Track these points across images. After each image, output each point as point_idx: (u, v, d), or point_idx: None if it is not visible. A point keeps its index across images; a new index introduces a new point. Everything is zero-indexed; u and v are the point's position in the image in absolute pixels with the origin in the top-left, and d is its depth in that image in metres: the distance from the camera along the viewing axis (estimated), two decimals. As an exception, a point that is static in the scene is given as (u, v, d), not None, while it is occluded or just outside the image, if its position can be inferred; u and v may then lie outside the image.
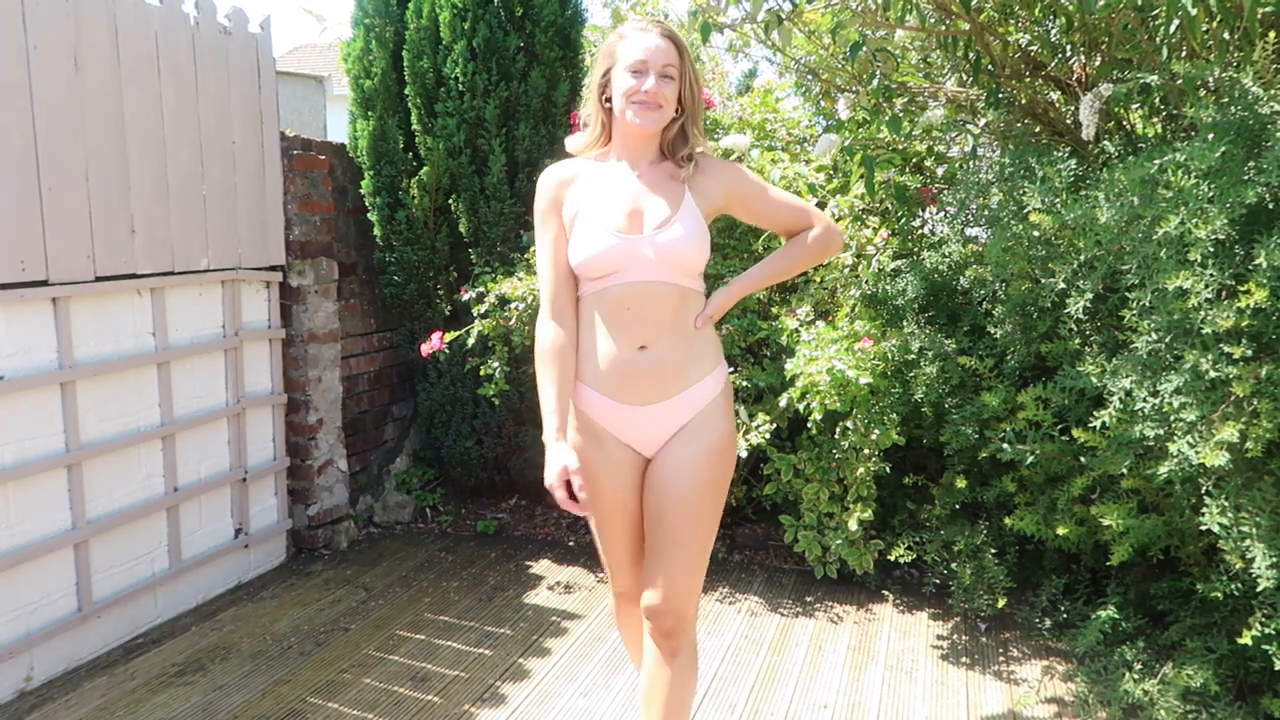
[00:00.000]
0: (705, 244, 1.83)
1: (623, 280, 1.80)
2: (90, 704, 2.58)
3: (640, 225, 1.81)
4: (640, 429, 1.87)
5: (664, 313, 1.81)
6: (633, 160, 1.87)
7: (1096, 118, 2.54)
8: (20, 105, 2.53)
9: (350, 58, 3.90)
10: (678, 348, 1.84)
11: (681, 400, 1.86)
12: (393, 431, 4.29)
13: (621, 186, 1.85)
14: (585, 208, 1.83)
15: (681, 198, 1.84)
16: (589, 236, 1.80)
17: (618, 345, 1.82)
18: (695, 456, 1.85)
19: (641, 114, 1.78)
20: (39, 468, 2.64)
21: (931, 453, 3.25)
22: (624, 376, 1.82)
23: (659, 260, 1.79)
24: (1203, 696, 2.33)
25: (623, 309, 1.81)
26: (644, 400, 1.84)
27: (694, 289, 1.87)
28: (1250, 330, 2.03)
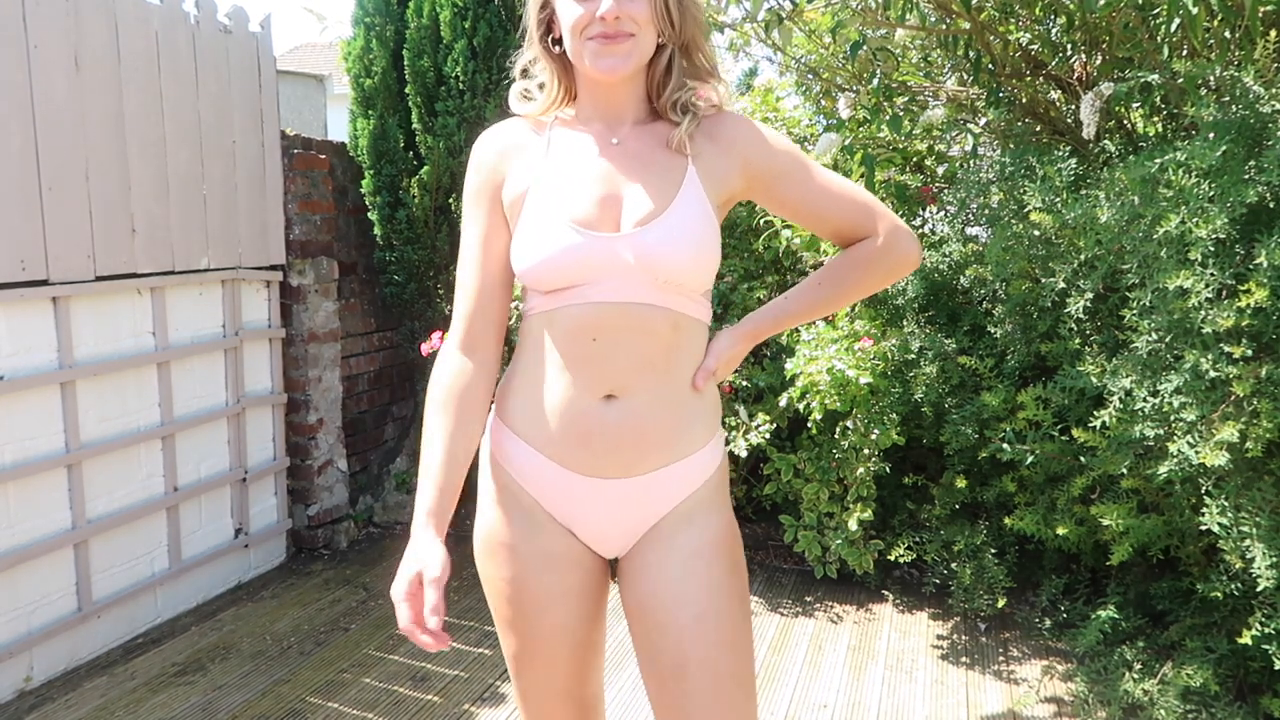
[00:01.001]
0: (714, 248, 1.24)
1: (587, 298, 1.22)
2: (90, 704, 2.58)
3: (616, 218, 1.23)
4: (599, 515, 1.27)
5: (647, 349, 1.23)
6: (609, 122, 1.28)
7: (1097, 117, 2.53)
8: (20, 104, 2.53)
9: (350, 57, 3.90)
10: (663, 402, 1.25)
11: (663, 479, 1.26)
12: (393, 431, 4.29)
13: (591, 160, 1.26)
14: (536, 188, 1.25)
15: (681, 177, 1.24)
16: (540, 231, 1.22)
17: (575, 390, 1.23)
18: (697, 552, 1.27)
19: (603, 53, 1.19)
20: (39, 467, 2.64)
21: (931, 453, 3.25)
22: (579, 436, 1.24)
23: (642, 271, 1.21)
24: (1202, 696, 2.33)
25: (585, 339, 1.22)
26: (607, 472, 1.25)
27: (693, 316, 1.27)
28: (1250, 330, 2.02)
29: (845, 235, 1.34)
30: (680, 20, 1.23)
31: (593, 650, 1.34)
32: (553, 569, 1.28)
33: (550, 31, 1.28)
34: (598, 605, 1.34)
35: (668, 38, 1.24)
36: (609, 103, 1.28)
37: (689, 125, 1.26)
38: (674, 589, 1.26)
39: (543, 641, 1.30)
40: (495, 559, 1.30)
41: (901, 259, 1.34)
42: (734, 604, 1.28)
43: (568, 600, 1.29)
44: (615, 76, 1.22)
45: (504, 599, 1.30)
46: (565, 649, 1.30)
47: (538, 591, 1.28)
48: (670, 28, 1.23)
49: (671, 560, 1.27)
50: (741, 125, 1.30)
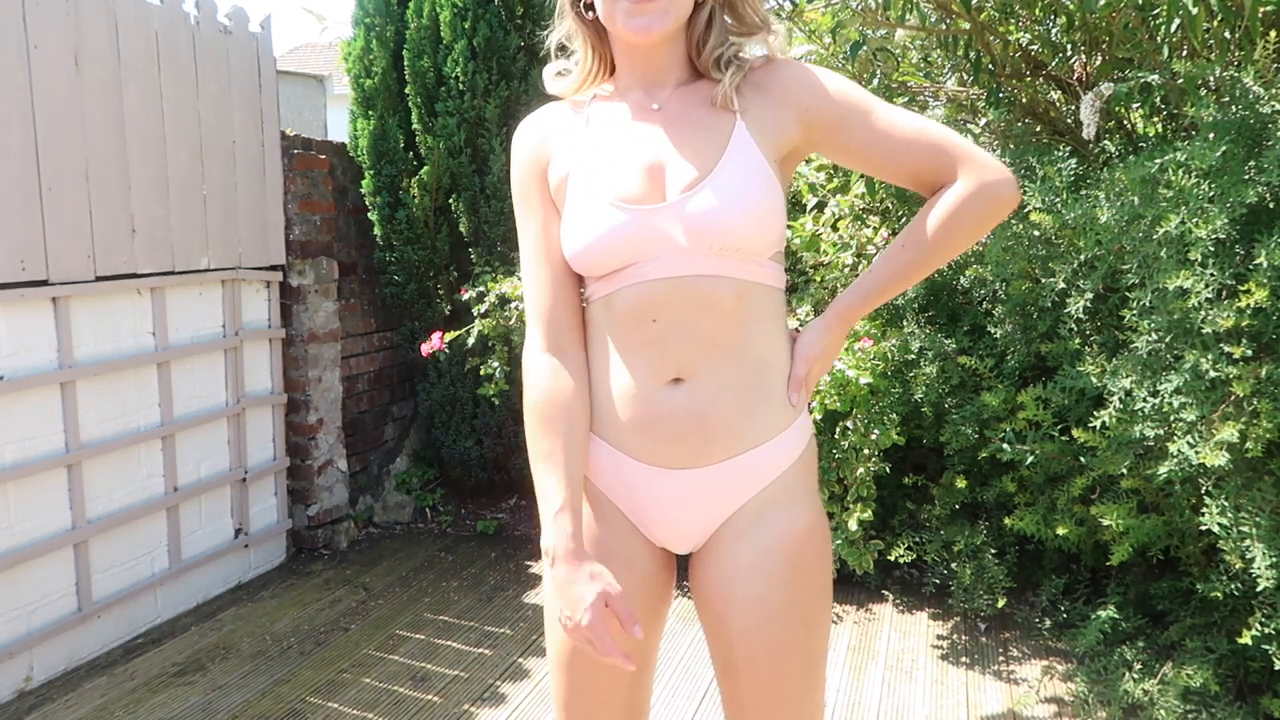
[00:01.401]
0: (775, 205, 1.14)
1: (642, 277, 1.15)
2: (90, 704, 2.58)
3: (661, 188, 1.15)
4: (669, 508, 1.20)
5: (711, 325, 1.15)
6: (648, 88, 1.20)
7: (1097, 117, 2.53)
8: (20, 104, 2.53)
9: (351, 57, 3.90)
10: (734, 383, 1.16)
11: (736, 470, 1.18)
12: (393, 431, 4.29)
13: (631, 130, 1.18)
14: (578, 170, 1.18)
15: (729, 135, 1.15)
16: (584, 214, 1.16)
17: (638, 376, 1.17)
18: (770, 552, 1.18)
19: (636, 12, 1.11)
20: (39, 467, 2.64)
21: (931, 453, 3.25)
22: (645, 424, 1.17)
23: (694, 240, 1.12)
24: (1202, 696, 2.33)
25: (645, 321, 1.15)
26: (675, 462, 1.17)
27: (763, 283, 1.17)
28: (1250, 330, 2.03)
29: (925, 181, 1.19)
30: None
31: (645, 655, 1.25)
32: (611, 568, 1.18)
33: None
34: (655, 611, 1.26)
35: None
36: (647, 67, 1.20)
37: (733, 79, 1.16)
38: (737, 588, 1.18)
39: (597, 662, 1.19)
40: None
41: (990, 203, 1.15)
42: (796, 613, 1.18)
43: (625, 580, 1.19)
44: (651, 37, 1.14)
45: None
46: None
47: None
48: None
49: (740, 558, 1.18)
50: (793, 70, 1.19)
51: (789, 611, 1.18)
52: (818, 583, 1.21)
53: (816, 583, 1.21)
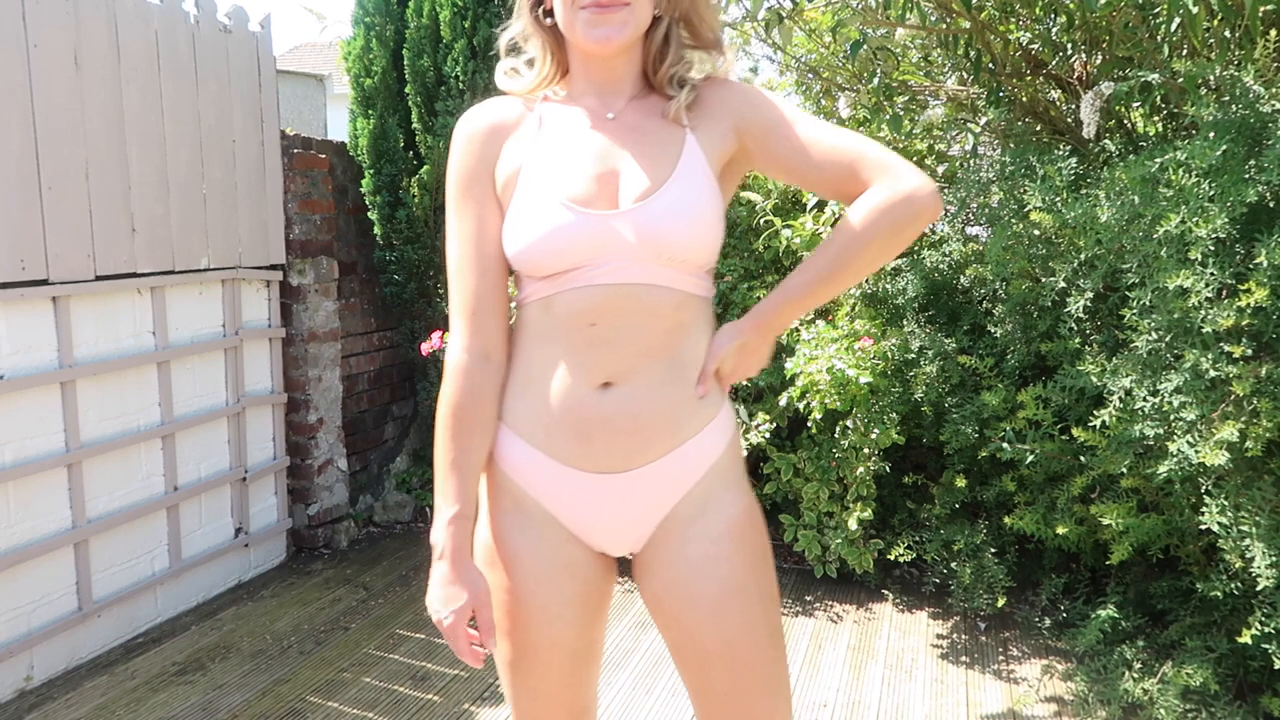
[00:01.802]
0: (719, 219, 1.18)
1: (588, 281, 1.15)
2: (90, 703, 2.59)
3: (614, 194, 1.16)
4: (606, 513, 1.21)
5: (649, 332, 1.16)
6: (604, 97, 1.22)
7: (1097, 116, 2.53)
8: (20, 104, 2.53)
9: (351, 56, 3.90)
10: (664, 386, 1.18)
11: (668, 466, 1.20)
12: (393, 431, 4.29)
13: (586, 136, 1.20)
14: (529, 168, 1.18)
15: (680, 148, 1.18)
16: (534, 212, 1.16)
17: (571, 379, 1.17)
18: (721, 537, 1.21)
19: (596, 22, 1.13)
20: (39, 467, 2.64)
21: (931, 452, 3.25)
22: (577, 430, 1.17)
23: (646, 249, 1.14)
24: (1202, 695, 2.33)
25: (584, 325, 1.16)
26: (610, 466, 1.18)
27: (698, 294, 1.21)
28: (1250, 329, 2.03)
29: (846, 191, 1.20)
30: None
31: (589, 659, 1.29)
32: (553, 579, 1.22)
33: (541, 2, 1.21)
34: (597, 614, 1.29)
35: (664, 9, 1.18)
36: (604, 76, 1.21)
37: (686, 97, 1.19)
38: (690, 581, 1.21)
39: (540, 652, 1.24)
40: (495, 568, 1.24)
41: (906, 211, 1.15)
42: (755, 590, 1.22)
43: (567, 611, 1.23)
44: (610, 48, 1.15)
45: (502, 609, 1.23)
46: (562, 658, 1.24)
47: (536, 603, 1.22)
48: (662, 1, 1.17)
49: (687, 551, 1.21)
50: (729, 86, 1.23)
51: (749, 590, 1.21)
52: (766, 559, 1.25)
53: (765, 559, 1.25)
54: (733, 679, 1.21)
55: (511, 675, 1.27)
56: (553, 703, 1.27)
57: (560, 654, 1.24)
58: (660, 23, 1.19)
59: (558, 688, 1.26)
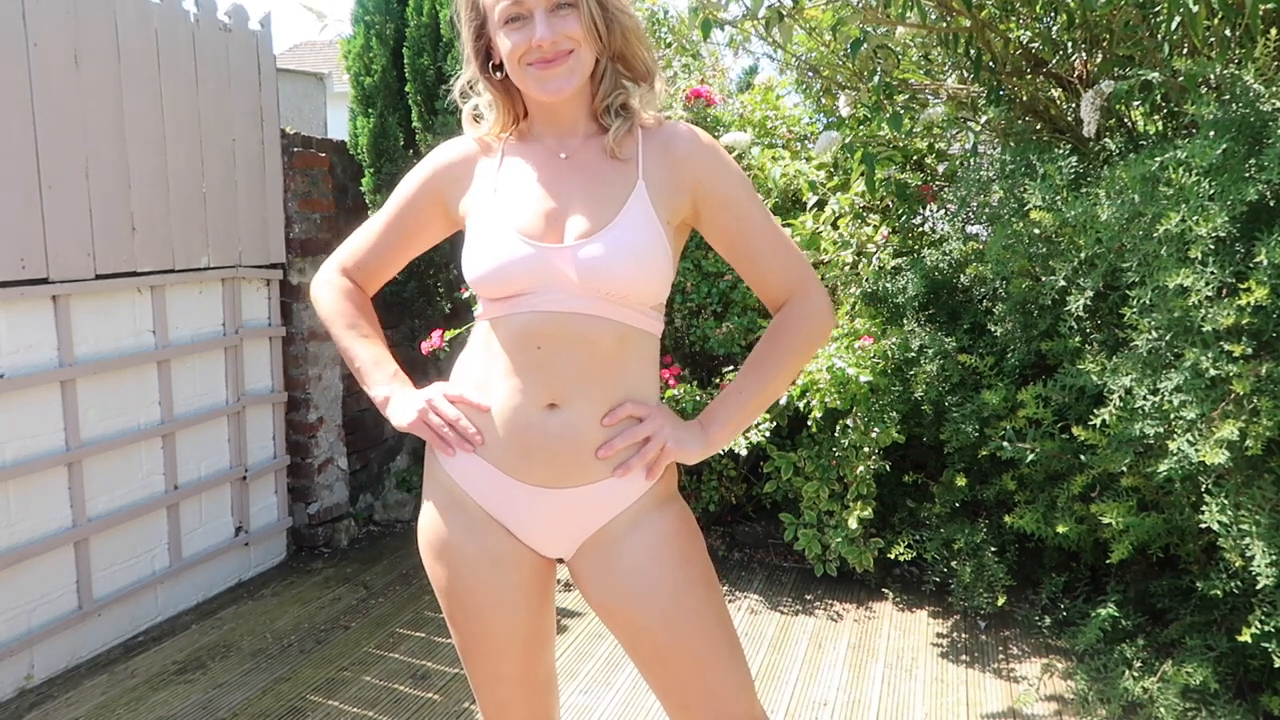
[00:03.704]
0: (661, 264, 1.25)
1: (532, 307, 1.24)
2: (91, 702, 2.59)
3: (560, 231, 1.25)
4: (541, 522, 1.30)
5: (589, 359, 1.25)
6: (560, 137, 1.31)
7: (1097, 115, 2.53)
8: (20, 102, 2.53)
9: (351, 55, 3.89)
10: (601, 414, 1.26)
11: (602, 491, 1.28)
12: (393, 429, 4.29)
13: (540, 174, 1.29)
14: (488, 201, 1.30)
15: (629, 192, 1.25)
16: (489, 241, 1.26)
17: (519, 398, 1.26)
18: (656, 544, 1.29)
19: (545, 77, 1.22)
20: (39, 465, 2.64)
21: (931, 451, 3.25)
22: (521, 445, 1.26)
23: (583, 284, 1.22)
24: (1202, 694, 2.33)
25: (530, 347, 1.25)
26: (548, 481, 1.27)
27: (642, 328, 1.28)
28: (1251, 328, 2.02)
29: (771, 289, 1.34)
30: (608, 33, 1.24)
31: (539, 638, 1.37)
32: (496, 569, 1.31)
33: (490, 58, 1.30)
34: (542, 598, 1.36)
35: (599, 51, 1.26)
36: (557, 119, 1.31)
37: (618, 129, 1.27)
38: (632, 588, 1.29)
39: (489, 638, 1.33)
40: (440, 560, 1.34)
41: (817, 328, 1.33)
42: (698, 582, 1.30)
43: (512, 597, 1.32)
44: (561, 96, 1.25)
45: (449, 597, 1.34)
46: (513, 640, 1.33)
47: (481, 591, 1.31)
48: (598, 41, 1.24)
49: (624, 563, 1.29)
50: (696, 144, 1.30)
51: (692, 582, 1.30)
52: (699, 551, 1.34)
53: (698, 551, 1.33)
54: (693, 665, 1.30)
55: (470, 664, 1.37)
56: (513, 686, 1.36)
57: (511, 636, 1.33)
58: (599, 63, 1.27)
59: (516, 670, 1.35)
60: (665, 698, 1.34)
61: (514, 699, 1.37)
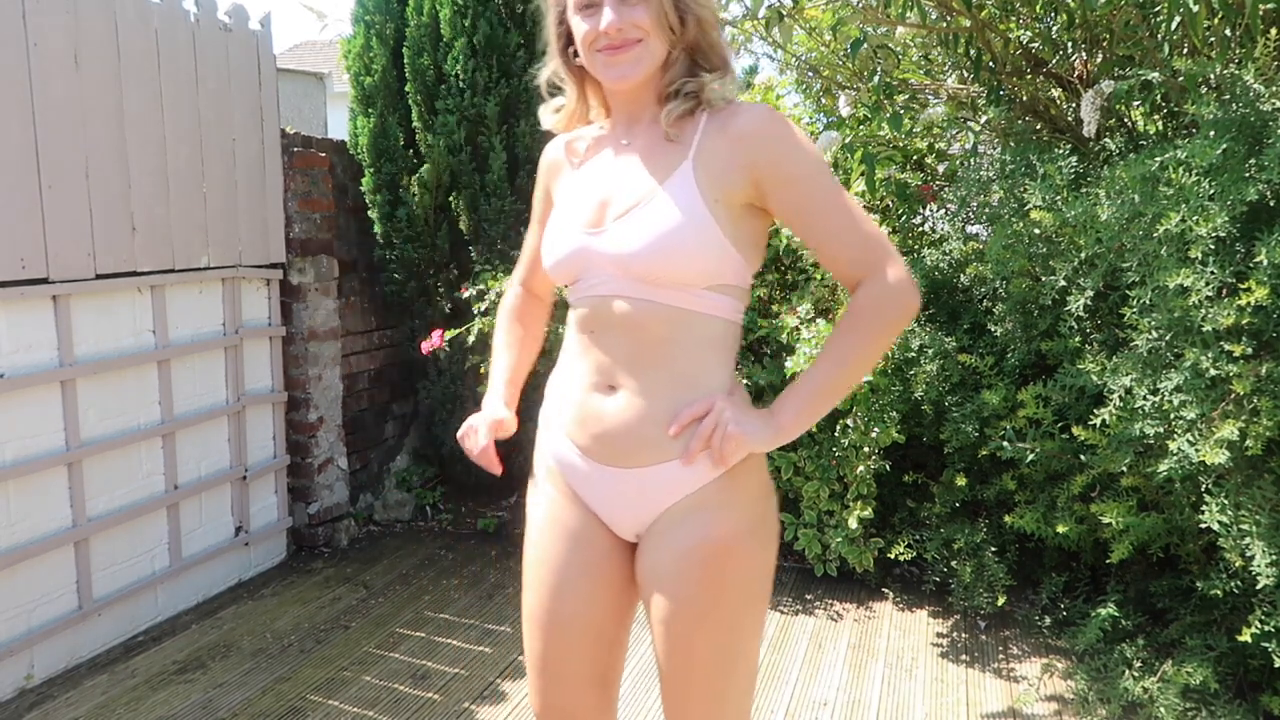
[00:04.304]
0: (698, 243, 1.20)
1: (584, 293, 1.30)
2: (91, 701, 2.59)
3: (604, 216, 1.28)
4: (607, 499, 1.32)
5: (636, 343, 1.25)
6: (628, 124, 1.33)
7: (1098, 115, 2.53)
8: (20, 102, 2.53)
9: (351, 55, 3.89)
10: (658, 397, 1.25)
11: (657, 476, 1.27)
12: (393, 429, 4.29)
13: (604, 163, 1.33)
14: (561, 194, 1.38)
15: (671, 172, 1.23)
16: (551, 234, 1.35)
17: (580, 379, 1.31)
18: (686, 553, 1.26)
19: (611, 63, 1.24)
20: (39, 465, 2.64)
21: (932, 451, 3.25)
22: (584, 424, 1.30)
23: (615, 266, 1.24)
24: (1202, 694, 2.33)
25: (585, 331, 1.30)
26: (607, 460, 1.29)
27: (695, 310, 1.24)
28: (1251, 328, 2.03)
29: (843, 269, 1.25)
30: (681, 24, 1.24)
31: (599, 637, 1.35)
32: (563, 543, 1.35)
33: (570, 43, 1.32)
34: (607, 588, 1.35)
35: (672, 42, 1.26)
36: (626, 107, 1.32)
37: (672, 111, 1.25)
38: (655, 583, 1.29)
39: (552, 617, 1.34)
40: (530, 523, 1.41)
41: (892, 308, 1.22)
42: (713, 610, 1.25)
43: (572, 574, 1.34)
44: (626, 85, 1.26)
45: (526, 564, 1.39)
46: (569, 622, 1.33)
47: (547, 563, 1.36)
48: (670, 31, 1.24)
49: (659, 555, 1.28)
50: (757, 120, 1.23)
51: (700, 611, 1.25)
52: (738, 588, 1.27)
53: (736, 588, 1.27)
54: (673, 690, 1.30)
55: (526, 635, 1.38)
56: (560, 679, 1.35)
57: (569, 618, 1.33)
58: (671, 52, 1.27)
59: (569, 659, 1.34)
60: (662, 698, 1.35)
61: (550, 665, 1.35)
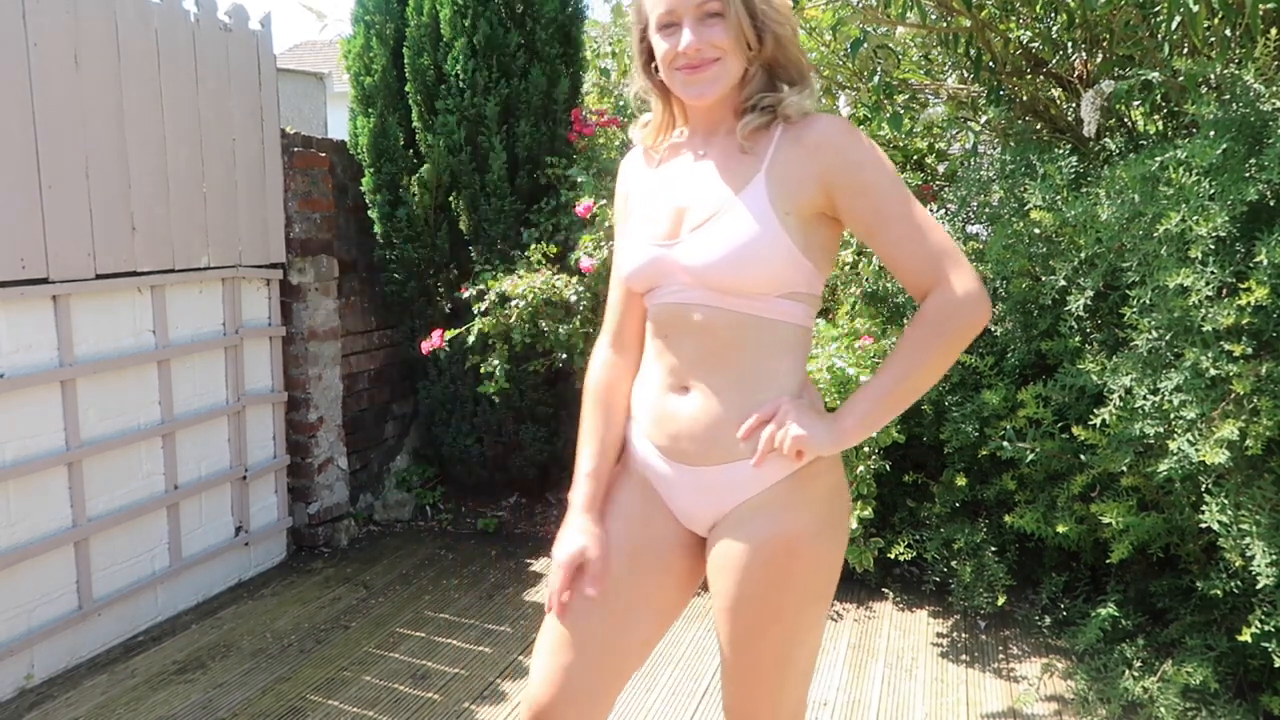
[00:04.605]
0: (770, 254, 1.25)
1: (658, 299, 1.36)
2: (91, 701, 2.59)
3: (680, 227, 1.33)
4: (683, 495, 1.38)
5: (707, 347, 1.32)
6: (705, 135, 1.37)
7: (1098, 115, 2.53)
8: (20, 102, 2.53)
9: (351, 55, 3.89)
10: (731, 399, 1.31)
11: (727, 475, 1.33)
12: (393, 429, 4.29)
13: (680, 174, 1.38)
14: (637, 204, 1.43)
15: (747, 181, 1.28)
16: (630, 243, 1.40)
17: (657, 380, 1.38)
18: (755, 548, 1.31)
19: (690, 81, 1.28)
20: (39, 465, 2.64)
21: (932, 450, 3.25)
22: (659, 423, 1.38)
23: (688, 275, 1.30)
24: (1202, 694, 2.33)
25: (660, 336, 1.38)
26: (679, 458, 1.36)
27: (764, 316, 1.29)
28: (1251, 328, 2.03)
29: (911, 278, 1.28)
30: (759, 41, 1.28)
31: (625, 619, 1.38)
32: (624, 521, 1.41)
33: (652, 59, 1.36)
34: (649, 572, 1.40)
35: (750, 59, 1.30)
36: (704, 120, 1.37)
37: (751, 122, 1.29)
38: (726, 575, 1.33)
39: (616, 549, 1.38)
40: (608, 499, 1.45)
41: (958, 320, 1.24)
42: (775, 603, 1.31)
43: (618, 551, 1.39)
44: (705, 101, 1.30)
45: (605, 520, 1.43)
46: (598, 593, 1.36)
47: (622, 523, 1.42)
48: (747, 49, 1.28)
49: (731, 549, 1.33)
50: (829, 131, 1.27)
51: (765, 603, 1.31)
52: (800, 584, 1.32)
53: (798, 584, 1.32)
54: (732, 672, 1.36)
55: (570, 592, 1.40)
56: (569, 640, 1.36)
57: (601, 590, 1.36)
58: (749, 69, 1.31)
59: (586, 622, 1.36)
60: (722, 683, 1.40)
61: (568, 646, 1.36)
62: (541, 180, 3.82)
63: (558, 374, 3.90)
